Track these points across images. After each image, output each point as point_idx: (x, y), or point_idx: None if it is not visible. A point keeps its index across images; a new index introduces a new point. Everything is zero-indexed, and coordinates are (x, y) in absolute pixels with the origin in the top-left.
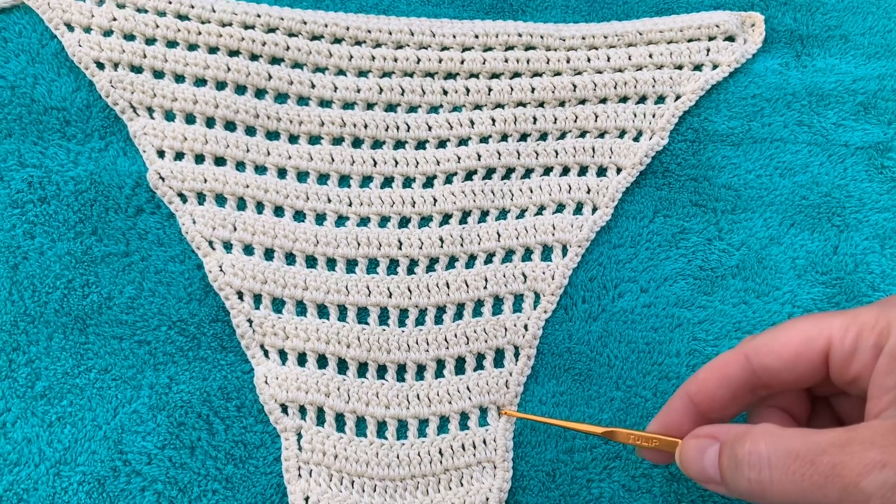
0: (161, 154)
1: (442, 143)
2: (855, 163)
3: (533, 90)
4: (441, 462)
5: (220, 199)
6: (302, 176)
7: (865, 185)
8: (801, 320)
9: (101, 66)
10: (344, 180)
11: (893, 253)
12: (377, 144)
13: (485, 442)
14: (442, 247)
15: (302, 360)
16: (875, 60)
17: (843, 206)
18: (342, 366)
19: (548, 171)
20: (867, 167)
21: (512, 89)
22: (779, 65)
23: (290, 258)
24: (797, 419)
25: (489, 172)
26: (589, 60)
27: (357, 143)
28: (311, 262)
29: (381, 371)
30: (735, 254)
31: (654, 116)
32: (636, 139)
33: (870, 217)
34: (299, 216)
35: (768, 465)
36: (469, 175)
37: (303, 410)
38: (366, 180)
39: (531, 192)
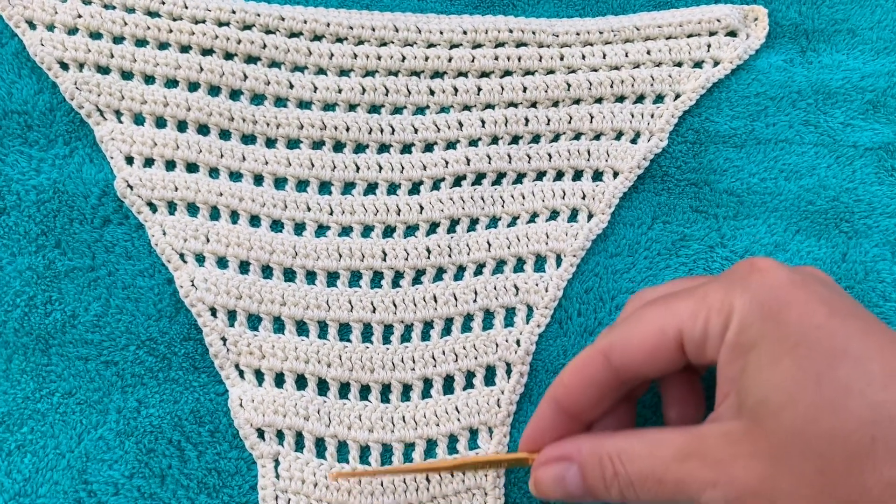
0: (129, 160)
1: (429, 147)
2: (864, 165)
3: (525, 89)
4: (428, 490)
5: (193, 209)
6: (280, 182)
7: (875, 189)
8: (651, 309)
9: (65, 66)
10: (324, 187)
11: None
12: (360, 148)
13: None
14: (429, 258)
15: (279, 380)
16: (884, 56)
17: (852, 210)
18: (322, 387)
19: (541, 175)
20: (877, 169)
21: (502, 89)
22: (783, 61)
23: (266, 271)
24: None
25: (479, 178)
26: (584, 58)
27: (338, 146)
28: (289, 275)
29: (365, 392)
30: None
31: (652, 117)
32: (634, 141)
33: (880, 222)
34: (277, 226)
35: (630, 484)
36: (457, 181)
37: (280, 435)
38: (348, 187)
39: (523, 198)
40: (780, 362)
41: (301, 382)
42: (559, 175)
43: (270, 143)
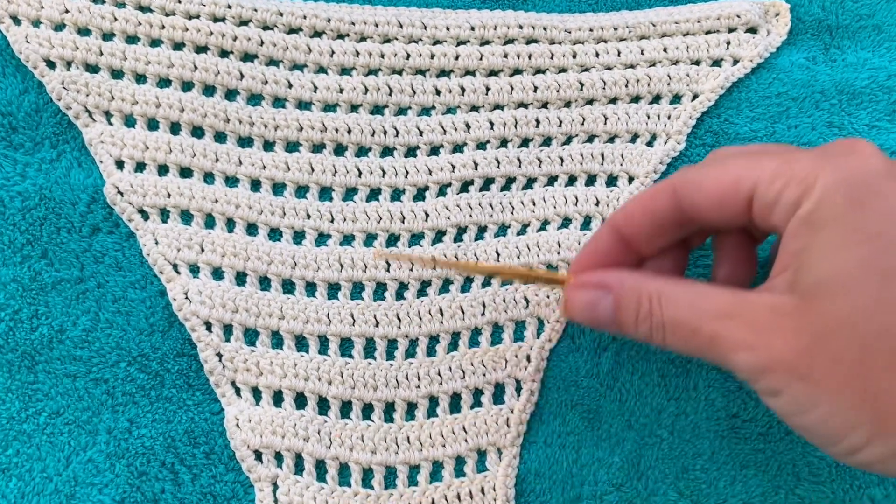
0: (120, 165)
1: (434, 150)
2: None
3: (535, 89)
4: None
5: (186, 216)
6: (278, 188)
7: None
8: (734, 158)
9: (51, 64)
10: (325, 193)
11: None
12: (362, 151)
13: (483, 491)
14: (435, 268)
15: (278, 399)
16: None
17: None
18: (323, 405)
19: (552, 180)
20: None
21: (512, 88)
22: (805, 59)
23: (264, 283)
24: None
25: (487, 183)
26: (597, 55)
27: (339, 150)
28: (287, 287)
29: (367, 411)
30: (761, 271)
31: (669, 118)
32: (650, 144)
33: None
34: (275, 234)
35: (661, 326)
36: (465, 186)
37: (279, 457)
38: (349, 193)
39: (534, 204)
40: (851, 249)
41: (300, 401)
42: (571, 180)
43: (268, 145)
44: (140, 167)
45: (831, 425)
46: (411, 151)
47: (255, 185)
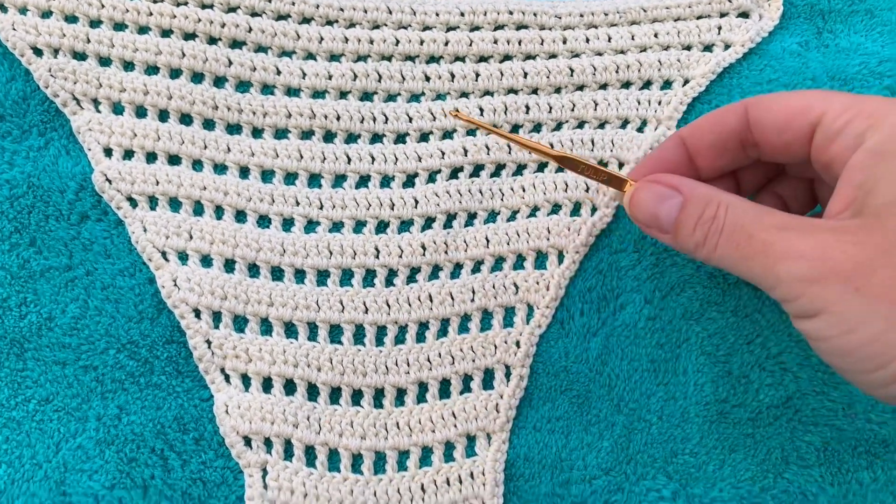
0: (108, 152)
1: (424, 137)
2: None
3: (525, 75)
4: (423, 499)
5: (175, 204)
6: (267, 175)
7: None
8: (811, 91)
9: (38, 52)
10: (314, 180)
11: None
12: (351, 138)
13: (472, 475)
14: (424, 255)
15: (267, 385)
16: None
17: None
18: (312, 392)
19: (542, 167)
20: None
21: (502, 74)
22: (797, 44)
23: (253, 270)
24: (790, 208)
25: (476, 169)
26: (588, 41)
27: (329, 136)
28: (276, 274)
29: (357, 397)
30: None
31: (659, 104)
32: (640, 129)
33: None
34: (264, 221)
35: (720, 231)
36: (454, 173)
37: (268, 443)
38: (338, 179)
39: (523, 191)
40: None
41: (290, 387)
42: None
43: (257, 132)
44: (128, 155)
45: (881, 345)
46: (401, 138)
47: (244, 172)
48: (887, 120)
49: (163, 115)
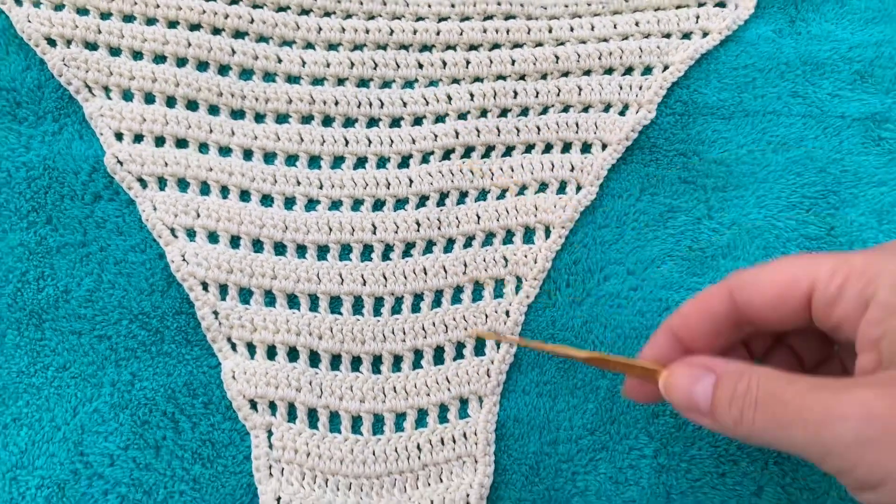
0: (119, 136)
1: (418, 121)
2: (851, 135)
3: (513, 62)
4: (419, 457)
5: (183, 184)
6: (269, 157)
7: (862, 159)
8: (790, 259)
9: (52, 42)
10: (314, 161)
11: (891, 228)
12: (349, 122)
13: (465, 435)
14: (418, 231)
15: (271, 353)
16: (872, 26)
17: (839, 181)
18: (314, 358)
19: (529, 148)
20: (864, 139)
21: (491, 62)
22: (772, 32)
23: (257, 245)
24: (806, 364)
25: (468, 151)
26: (572, 30)
27: (327, 121)
28: (279, 249)
29: (356, 363)
30: (726, 233)
31: (640, 89)
32: (622, 113)
33: (866, 192)
34: (267, 200)
35: (754, 404)
36: (447, 154)
37: (273, 406)
38: (337, 161)
39: (512, 170)
40: None
41: (293, 354)
42: (548, 147)
43: (259, 117)
44: (138, 138)
45: None
46: (396, 122)
47: (248, 154)
48: (884, 272)
49: (170, 102)
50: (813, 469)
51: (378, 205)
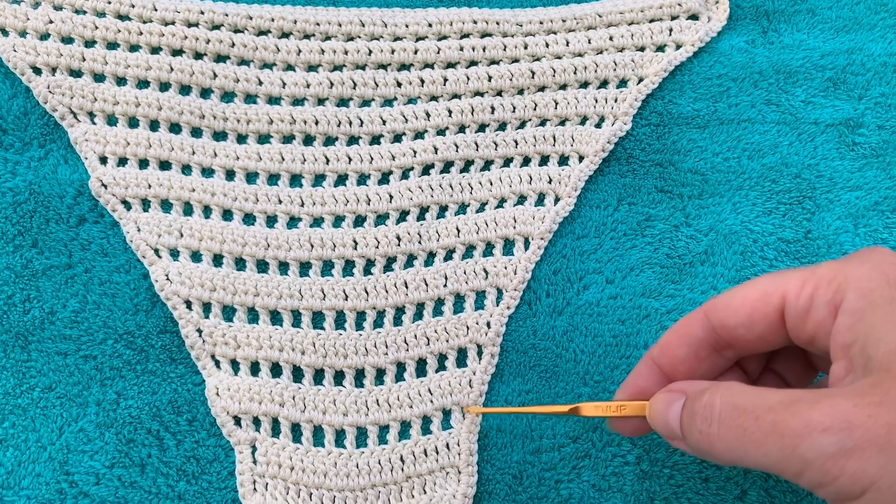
0: (103, 160)
1: (397, 138)
2: (825, 141)
3: (490, 78)
4: (403, 469)
5: (166, 205)
6: (251, 177)
7: (836, 164)
8: (762, 278)
9: (37, 70)
10: (295, 180)
11: (867, 231)
12: (329, 141)
13: (448, 446)
14: (399, 245)
15: (255, 369)
16: (843, 34)
17: (814, 186)
18: (297, 374)
19: (508, 161)
20: (838, 145)
21: (468, 78)
22: (745, 42)
23: (239, 263)
24: (793, 388)
25: (447, 166)
26: (547, 46)
27: (308, 140)
28: (262, 266)
29: (339, 377)
30: (703, 240)
31: (616, 101)
32: (598, 125)
33: (841, 196)
34: (249, 219)
35: (718, 419)
36: (426, 169)
37: (257, 422)
38: (318, 179)
39: (491, 184)
40: None
41: (276, 370)
42: (526, 161)
43: (241, 138)
44: (122, 162)
45: None
46: (375, 139)
47: (230, 174)
48: (850, 279)
49: (153, 125)
50: None
51: (359, 221)
